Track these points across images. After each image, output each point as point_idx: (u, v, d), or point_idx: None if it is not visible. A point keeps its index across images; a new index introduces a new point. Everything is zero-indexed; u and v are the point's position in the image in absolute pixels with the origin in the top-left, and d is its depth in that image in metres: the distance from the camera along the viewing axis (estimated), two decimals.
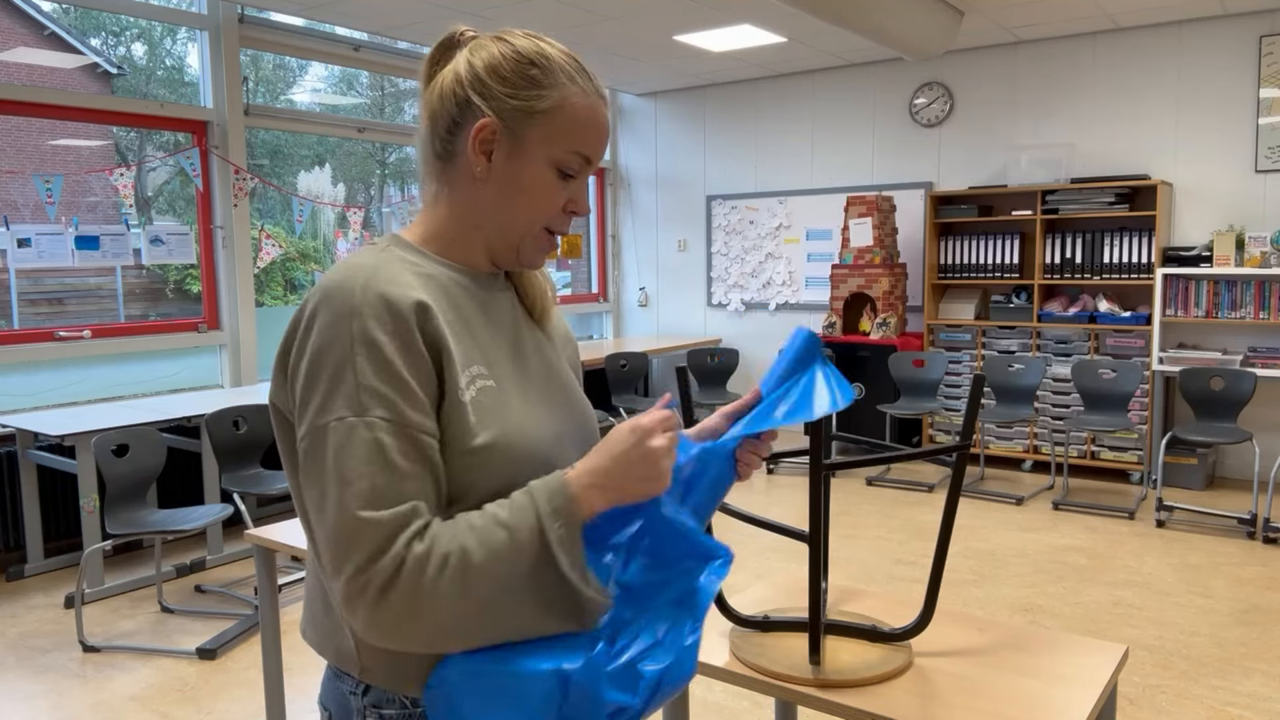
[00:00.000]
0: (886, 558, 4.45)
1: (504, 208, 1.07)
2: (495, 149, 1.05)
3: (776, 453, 1.98)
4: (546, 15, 5.40)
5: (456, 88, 1.06)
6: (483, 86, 1.05)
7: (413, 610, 0.91)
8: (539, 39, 1.09)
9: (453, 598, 0.91)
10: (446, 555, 0.92)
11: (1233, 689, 3.09)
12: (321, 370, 0.95)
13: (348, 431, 0.93)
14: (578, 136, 1.06)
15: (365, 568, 0.91)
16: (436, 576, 0.91)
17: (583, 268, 8.49)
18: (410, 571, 0.90)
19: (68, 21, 11.76)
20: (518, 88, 1.04)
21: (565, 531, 0.95)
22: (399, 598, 0.90)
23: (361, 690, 1.06)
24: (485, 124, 1.04)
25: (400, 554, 0.91)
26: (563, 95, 1.05)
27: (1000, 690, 1.48)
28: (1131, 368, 5.38)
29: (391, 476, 0.93)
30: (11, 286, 5.06)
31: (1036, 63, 6.27)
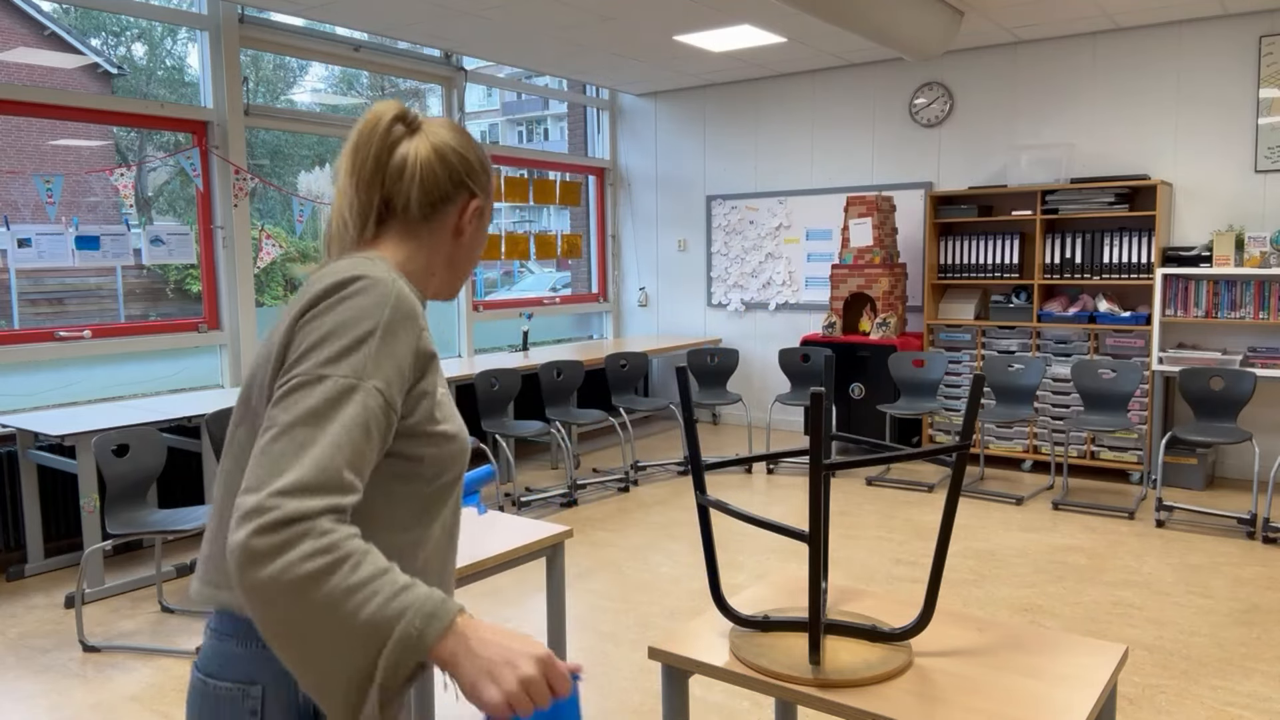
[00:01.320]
0: (886, 558, 4.45)
1: (469, 259, 1.36)
2: (476, 220, 1.32)
3: (776, 453, 1.98)
4: (547, 15, 5.41)
5: (452, 172, 1.29)
6: (470, 170, 1.30)
7: (271, 557, 0.97)
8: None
9: (301, 582, 0.97)
10: (333, 551, 0.99)
11: (1233, 689, 3.09)
12: (343, 334, 1.08)
13: (349, 389, 1.06)
14: (491, 201, 1.37)
15: (292, 495, 0.99)
16: (307, 558, 0.97)
17: (583, 268, 8.49)
18: (301, 534, 0.98)
19: (68, 21, 11.76)
20: (487, 174, 1.34)
21: (419, 634, 0.99)
22: (271, 540, 0.97)
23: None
24: (480, 206, 1.32)
25: (311, 512, 0.99)
26: (491, 173, 1.36)
27: (1000, 690, 1.48)
28: (1131, 368, 5.38)
29: (364, 443, 1.06)
30: (12, 286, 5.06)
31: (1036, 63, 6.27)
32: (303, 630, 0.98)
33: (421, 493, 1.19)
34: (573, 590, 4.09)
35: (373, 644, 0.98)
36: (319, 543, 0.98)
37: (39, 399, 4.99)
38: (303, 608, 0.97)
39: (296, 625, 0.98)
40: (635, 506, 5.42)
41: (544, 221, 14.40)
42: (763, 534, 4.80)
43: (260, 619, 0.99)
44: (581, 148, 8.51)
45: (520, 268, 15.11)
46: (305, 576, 0.96)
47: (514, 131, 26.63)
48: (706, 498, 1.71)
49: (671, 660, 1.66)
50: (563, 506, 5.46)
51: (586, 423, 5.74)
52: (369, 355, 1.08)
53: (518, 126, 26.66)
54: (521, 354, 6.94)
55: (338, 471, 1.02)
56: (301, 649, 0.99)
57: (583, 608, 3.89)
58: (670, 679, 1.69)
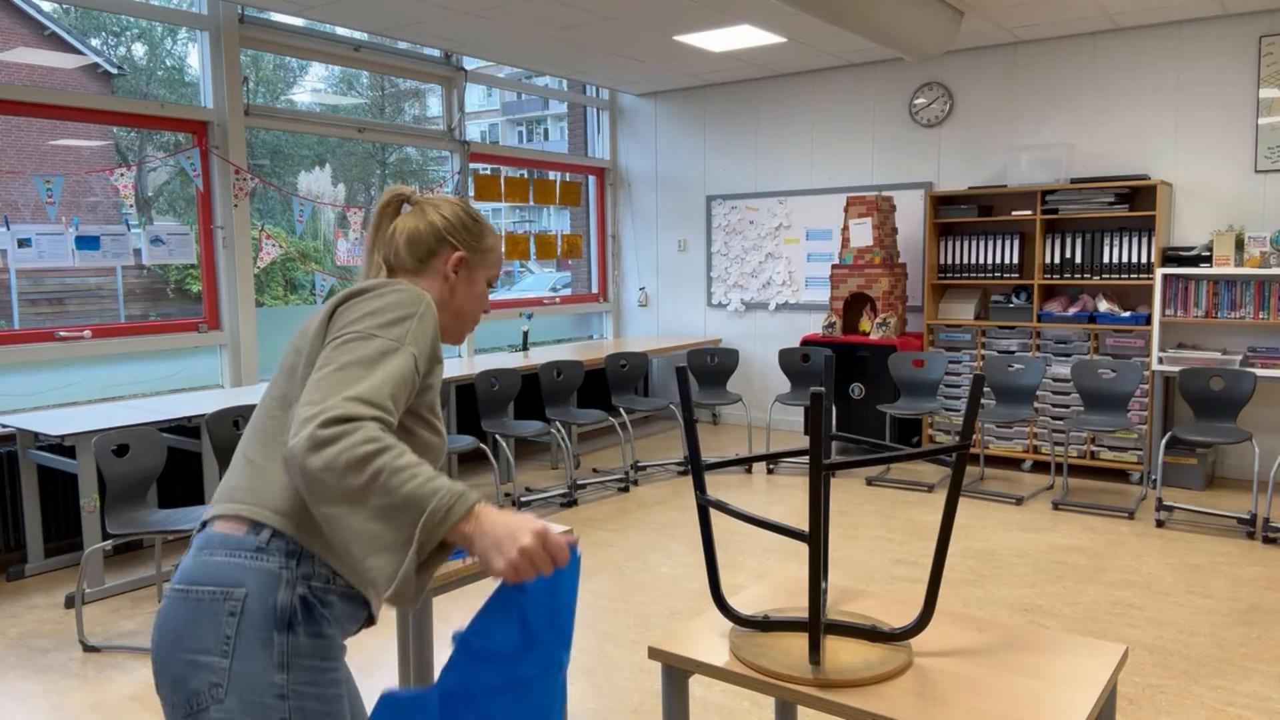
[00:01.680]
0: (886, 558, 4.45)
1: (466, 306, 1.64)
2: (461, 270, 1.61)
3: (776, 453, 1.98)
4: (547, 15, 5.41)
5: (435, 230, 1.60)
6: (456, 231, 1.61)
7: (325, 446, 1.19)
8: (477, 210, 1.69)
9: (351, 465, 1.19)
10: (379, 441, 1.21)
11: (1233, 689, 3.09)
12: (389, 311, 1.38)
13: (394, 348, 1.34)
14: (495, 265, 1.68)
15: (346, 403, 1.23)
16: (357, 445, 1.20)
17: (583, 268, 8.49)
18: (355, 429, 1.21)
19: (68, 22, 11.77)
20: (477, 236, 1.63)
21: (450, 509, 1.20)
22: (328, 433, 1.20)
23: (294, 563, 1.33)
24: (462, 257, 1.61)
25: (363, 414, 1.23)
26: (495, 243, 1.67)
27: (1000, 690, 1.48)
28: (1131, 368, 5.38)
29: (402, 392, 1.32)
30: (12, 286, 5.05)
31: (1036, 63, 6.27)
32: (355, 502, 1.19)
33: None
34: None
35: (411, 514, 1.19)
36: (370, 433, 1.21)
37: (39, 399, 4.98)
38: (356, 482, 1.18)
39: (350, 498, 1.19)
40: (635, 506, 5.42)
41: (544, 221, 14.39)
42: (763, 534, 4.80)
43: (319, 496, 1.20)
44: (581, 148, 8.51)
45: (520, 268, 15.12)
46: (361, 456, 1.18)
47: (514, 131, 26.63)
48: (706, 498, 1.71)
49: (671, 660, 1.66)
50: (563, 506, 5.46)
51: (586, 423, 5.74)
52: (410, 330, 1.37)
53: (518, 126, 26.65)
54: (521, 354, 6.94)
55: (386, 398, 1.27)
56: (352, 520, 1.19)
57: (583, 608, 3.89)
58: (670, 679, 1.69)
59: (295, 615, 1.31)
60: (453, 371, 5.84)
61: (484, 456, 5.23)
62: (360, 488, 1.18)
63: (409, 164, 16.96)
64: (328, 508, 1.20)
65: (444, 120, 6.91)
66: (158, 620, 1.34)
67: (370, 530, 1.19)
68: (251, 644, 1.28)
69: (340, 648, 1.39)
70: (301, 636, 1.31)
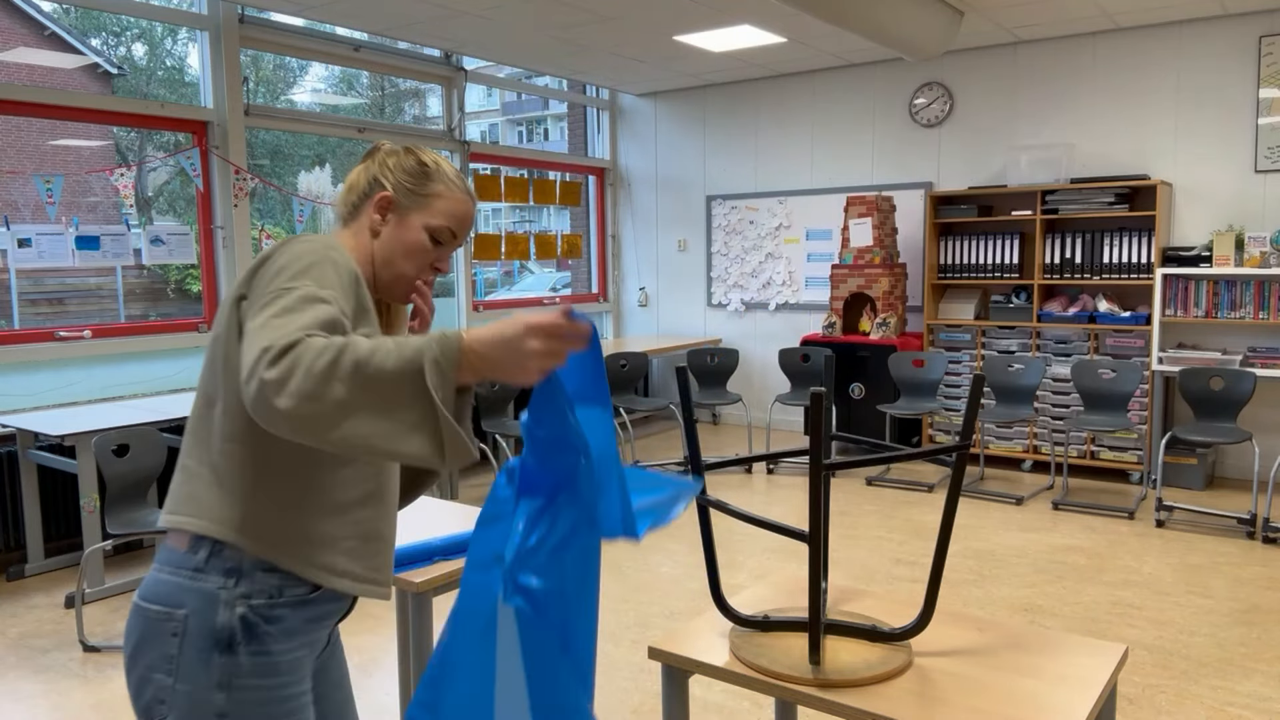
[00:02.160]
0: (886, 558, 4.45)
1: (394, 254, 1.49)
2: (389, 213, 1.48)
3: (776, 453, 1.98)
4: (547, 15, 5.41)
5: (372, 170, 1.50)
6: (388, 172, 1.49)
7: (289, 375, 1.08)
8: (437, 155, 1.54)
9: (323, 375, 1.08)
10: (332, 344, 1.10)
11: (1233, 689, 3.09)
12: (296, 265, 1.28)
13: (312, 293, 1.23)
14: (446, 217, 1.50)
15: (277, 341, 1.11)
16: (317, 354, 1.09)
17: (583, 268, 8.49)
18: (302, 347, 1.10)
19: (68, 21, 11.76)
20: (413, 176, 1.49)
21: (443, 357, 1.11)
22: (282, 365, 1.09)
23: (233, 582, 1.29)
24: (387, 196, 1.48)
25: (298, 336, 1.12)
26: (445, 188, 1.51)
27: (1000, 690, 1.48)
28: (1131, 368, 5.38)
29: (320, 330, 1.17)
30: (12, 286, 5.06)
31: (1036, 63, 6.27)
32: (351, 410, 1.09)
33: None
34: None
35: (412, 384, 1.10)
36: (316, 343, 1.10)
37: (39, 399, 4.98)
38: (338, 392, 1.08)
39: (345, 410, 1.09)
40: None
41: (544, 221, 14.39)
42: (763, 534, 4.80)
43: (314, 428, 1.09)
44: (581, 148, 8.51)
45: (520, 268, 15.11)
46: (324, 366, 1.08)
47: (514, 131, 26.63)
48: (706, 498, 1.71)
49: (671, 660, 1.66)
50: None
51: None
52: (321, 275, 1.27)
53: (518, 126, 26.65)
54: None
55: (315, 328, 1.16)
56: (362, 428, 1.09)
57: None
58: (670, 679, 1.69)
59: (235, 636, 1.28)
60: None
61: (484, 457, 5.23)
62: (346, 395, 1.08)
63: None
64: (331, 434, 1.10)
65: (444, 120, 6.91)
66: (125, 628, 1.35)
67: (385, 426, 1.10)
68: (193, 664, 1.27)
69: (293, 662, 1.34)
70: (242, 656, 1.28)
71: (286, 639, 1.32)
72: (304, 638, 1.35)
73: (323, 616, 1.38)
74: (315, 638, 1.39)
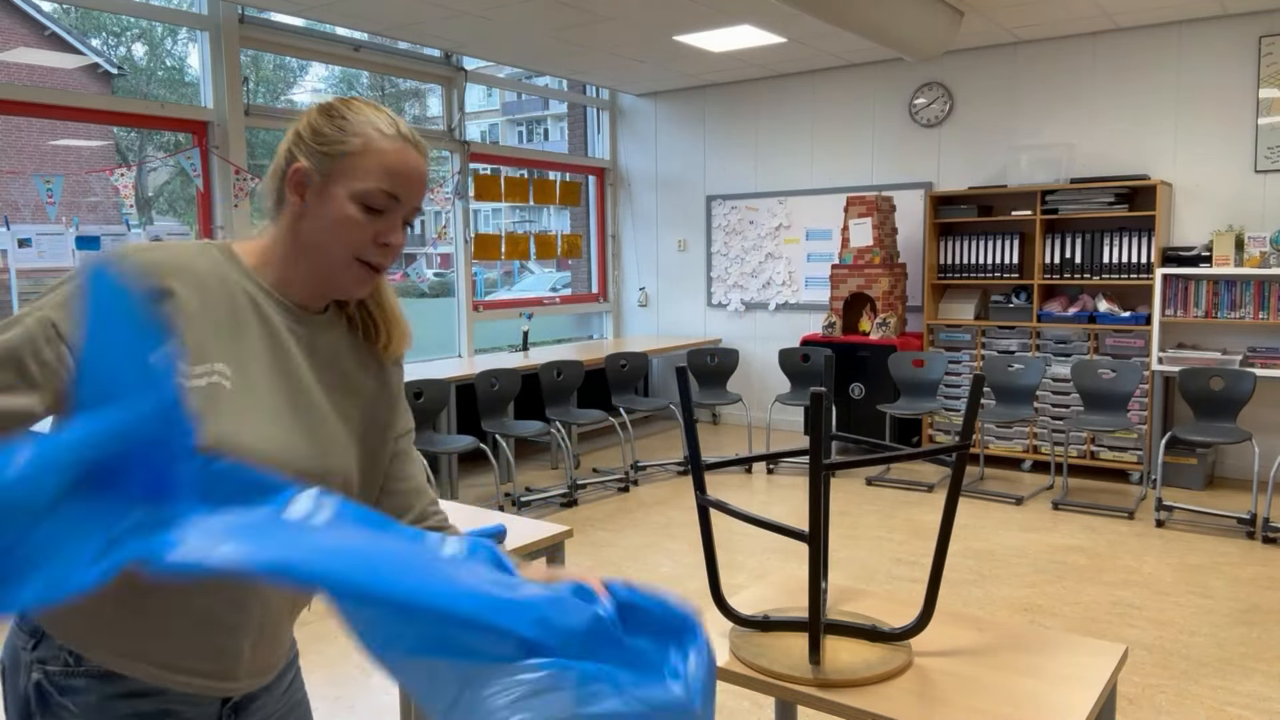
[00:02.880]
0: (886, 558, 4.45)
1: (320, 237, 1.19)
2: (307, 188, 1.19)
3: (776, 453, 1.98)
4: (547, 15, 5.41)
5: (285, 143, 1.22)
6: (298, 138, 1.21)
7: None
8: (355, 101, 1.23)
9: None
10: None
11: (1233, 689, 3.09)
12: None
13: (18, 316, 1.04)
14: (379, 175, 1.18)
15: None
16: None
17: (583, 268, 8.49)
18: None
19: (68, 22, 11.76)
20: (326, 137, 1.19)
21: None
22: None
23: (31, 645, 1.13)
24: (297, 168, 1.19)
25: None
26: (365, 142, 1.18)
27: (1000, 690, 1.48)
28: (1131, 368, 5.38)
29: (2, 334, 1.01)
30: (12, 286, 5.05)
31: (1036, 63, 6.27)
32: None
33: None
34: None
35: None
36: None
37: None
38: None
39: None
40: (635, 506, 5.42)
41: (544, 221, 14.39)
42: (763, 534, 4.81)
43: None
44: (581, 148, 8.51)
45: (520, 268, 15.11)
46: None
47: (514, 131, 26.64)
48: (706, 498, 1.71)
49: None
50: (563, 506, 5.46)
51: (586, 423, 5.74)
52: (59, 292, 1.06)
53: (518, 126, 26.65)
54: (521, 354, 6.94)
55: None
56: None
57: None
58: None
59: (30, 704, 1.12)
60: (453, 371, 5.84)
61: (484, 456, 5.22)
62: None
63: None
64: None
65: (444, 120, 6.91)
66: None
67: None
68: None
69: None
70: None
71: (88, 715, 1.11)
72: (122, 711, 1.12)
73: (144, 694, 1.13)
74: (147, 713, 1.13)
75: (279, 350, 1.21)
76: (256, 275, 1.21)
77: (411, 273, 7.08)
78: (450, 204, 6.84)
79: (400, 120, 1.23)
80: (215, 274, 1.17)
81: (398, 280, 7.02)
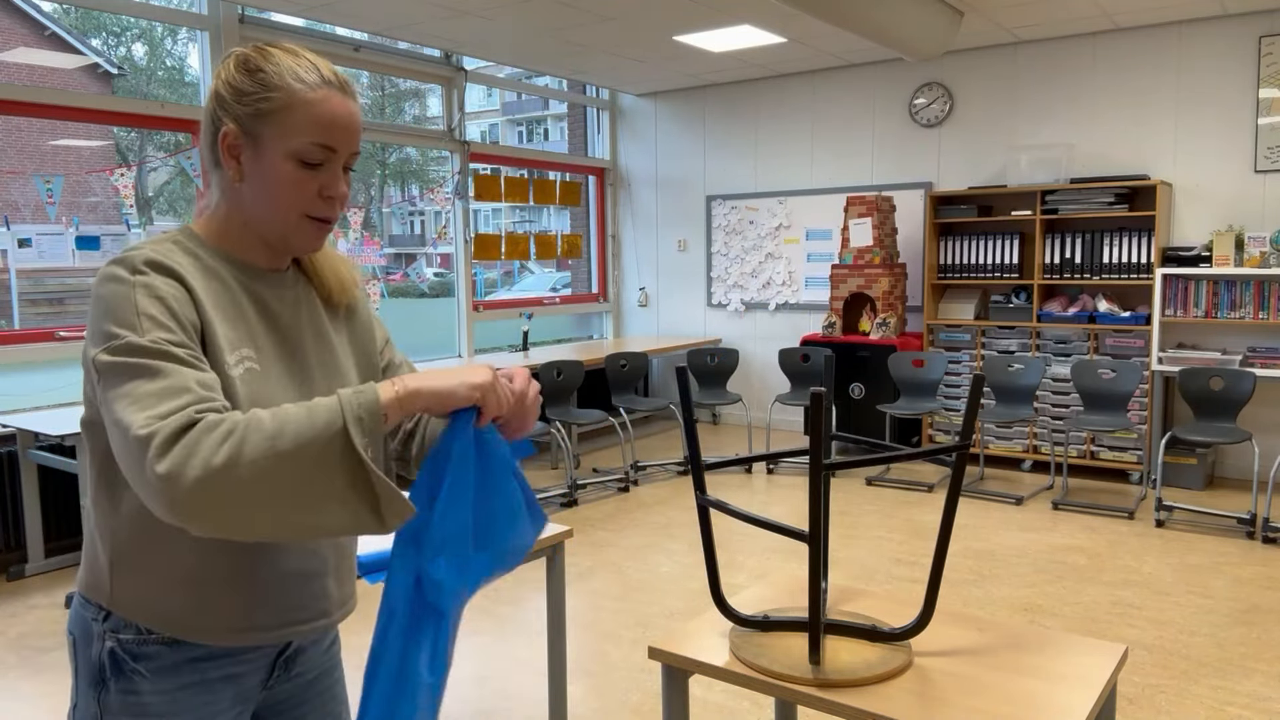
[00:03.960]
0: (886, 558, 4.46)
1: (262, 201, 1.17)
2: (241, 152, 1.16)
3: (776, 453, 1.98)
4: (547, 15, 5.41)
5: (209, 104, 1.19)
6: (220, 100, 1.16)
7: (184, 466, 0.95)
8: (272, 48, 1.18)
9: (225, 465, 0.95)
10: (234, 424, 0.98)
11: (1232, 689, 3.09)
12: (110, 312, 1.06)
13: (133, 348, 1.03)
14: (310, 128, 1.15)
15: (158, 420, 0.98)
16: (219, 443, 0.96)
17: (583, 268, 8.49)
18: (198, 431, 0.97)
19: (68, 22, 11.76)
20: (246, 94, 1.15)
21: (364, 410, 1.02)
22: (176, 456, 0.95)
23: (103, 616, 1.17)
24: (226, 133, 1.16)
25: (190, 416, 0.98)
26: (289, 94, 1.14)
27: (1000, 690, 1.48)
28: (1131, 368, 5.38)
29: (176, 380, 1.02)
30: (12, 286, 5.06)
31: (1036, 63, 6.27)
32: (271, 494, 0.97)
33: None
34: (573, 590, 4.09)
35: (336, 443, 0.99)
36: (213, 429, 0.97)
37: (39, 399, 4.98)
38: (247, 473, 0.96)
39: (260, 494, 0.97)
40: (635, 506, 5.42)
41: (544, 222, 14.41)
42: (763, 534, 4.80)
43: (228, 526, 0.97)
44: (581, 148, 8.51)
45: (520, 268, 15.11)
46: (226, 458, 0.95)
47: (514, 131, 26.64)
48: (706, 498, 1.71)
49: (671, 660, 1.66)
50: (563, 506, 5.46)
51: (586, 423, 5.74)
52: (140, 311, 1.05)
53: (518, 126, 26.66)
54: (521, 354, 6.94)
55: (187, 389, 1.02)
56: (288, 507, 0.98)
57: (583, 607, 3.89)
58: (670, 679, 1.69)
59: (105, 671, 1.17)
60: None
61: None
62: (262, 485, 0.96)
63: (409, 164, 16.95)
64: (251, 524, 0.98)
65: (444, 120, 6.91)
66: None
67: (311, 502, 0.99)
68: (83, 693, 1.20)
69: (170, 705, 1.18)
70: (113, 693, 1.17)
71: (160, 679, 1.17)
72: (188, 679, 1.19)
73: (213, 658, 1.21)
74: (212, 679, 1.21)
75: (271, 318, 1.23)
76: (221, 250, 1.21)
77: (412, 273, 7.08)
78: (450, 204, 6.84)
79: (321, 63, 1.18)
80: (197, 264, 1.17)
81: (398, 280, 7.01)
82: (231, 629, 1.19)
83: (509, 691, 3.15)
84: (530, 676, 3.27)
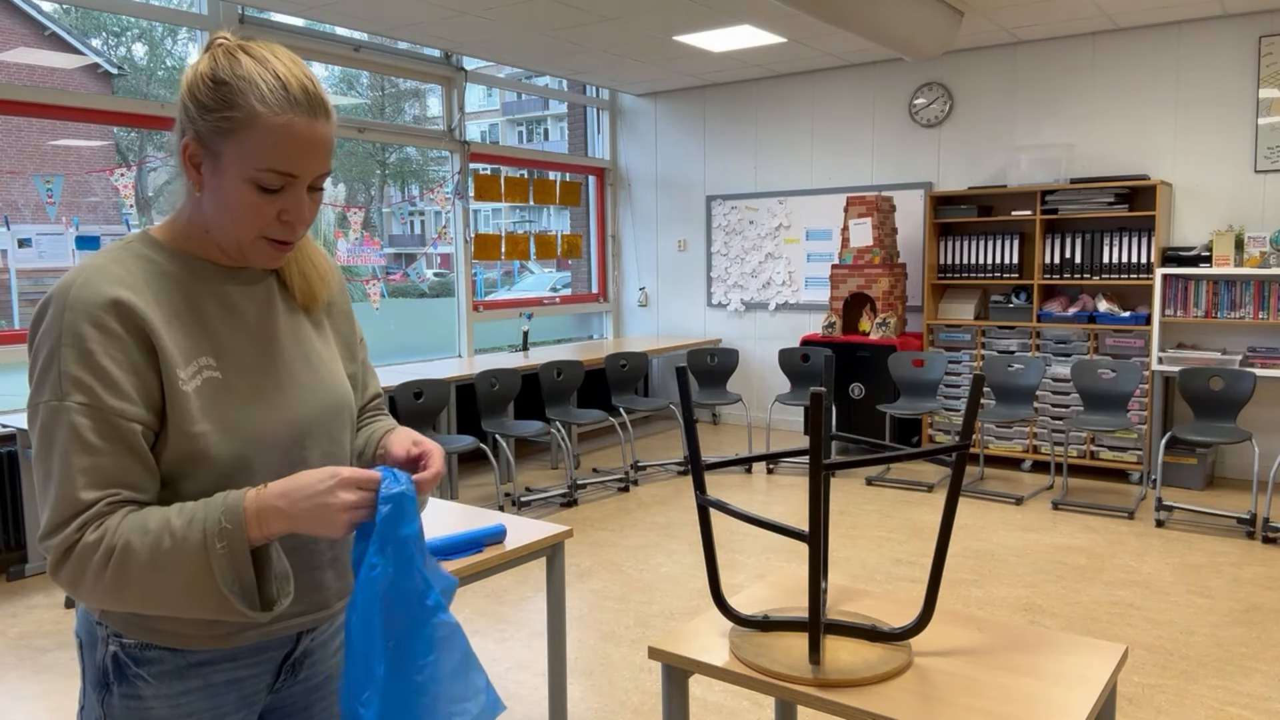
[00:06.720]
0: (886, 558, 4.46)
1: (219, 218, 1.14)
2: (202, 165, 1.12)
3: (776, 453, 1.98)
4: (547, 15, 5.41)
5: (179, 103, 1.14)
6: (184, 108, 1.12)
7: (77, 586, 1.06)
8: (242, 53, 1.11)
9: (111, 586, 1.05)
10: (112, 549, 1.04)
11: (1232, 689, 3.09)
12: (39, 357, 1.07)
13: (51, 414, 1.06)
14: (269, 154, 1.09)
15: (49, 537, 1.06)
16: (100, 567, 1.04)
17: (583, 268, 8.49)
18: (77, 557, 1.05)
19: (68, 22, 11.77)
20: (208, 109, 1.09)
21: (227, 552, 1.05)
22: (67, 576, 1.06)
23: (105, 623, 1.20)
24: (187, 143, 1.12)
25: (71, 538, 1.05)
26: (250, 116, 1.08)
27: (1000, 690, 1.49)
28: (1131, 368, 5.38)
29: (85, 456, 1.05)
30: (12, 286, 5.05)
31: (1036, 63, 6.27)
32: (149, 600, 1.07)
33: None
34: (573, 590, 4.09)
35: (204, 582, 1.05)
36: (93, 554, 1.04)
37: None
38: (133, 594, 1.06)
39: (140, 601, 1.07)
40: (635, 506, 5.42)
41: (544, 222, 14.39)
42: (763, 534, 4.80)
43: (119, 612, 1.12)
44: (581, 148, 8.51)
45: (520, 268, 15.10)
46: (110, 582, 1.05)
47: (514, 131, 26.64)
48: (706, 498, 1.71)
49: (671, 660, 1.67)
50: (563, 506, 5.46)
51: (586, 423, 5.74)
52: (61, 370, 1.05)
53: (518, 126, 26.65)
54: (521, 354, 6.94)
55: (73, 498, 1.05)
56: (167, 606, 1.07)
57: (583, 607, 3.89)
58: (670, 679, 1.69)
59: (108, 675, 1.17)
60: (453, 371, 5.84)
61: (484, 456, 5.23)
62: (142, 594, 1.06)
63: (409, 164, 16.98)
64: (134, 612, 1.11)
65: (444, 120, 6.91)
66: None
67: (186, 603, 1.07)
68: (90, 695, 1.21)
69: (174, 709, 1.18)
70: (116, 698, 1.17)
71: (163, 683, 1.17)
72: (192, 683, 1.19)
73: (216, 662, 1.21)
74: (216, 684, 1.21)
75: (237, 317, 1.20)
76: (184, 252, 1.18)
77: (411, 273, 7.08)
78: (450, 204, 6.84)
79: (292, 75, 1.10)
80: (151, 269, 1.14)
81: (398, 280, 7.02)
82: (229, 631, 1.20)
83: (509, 691, 3.16)
84: (530, 676, 3.27)
